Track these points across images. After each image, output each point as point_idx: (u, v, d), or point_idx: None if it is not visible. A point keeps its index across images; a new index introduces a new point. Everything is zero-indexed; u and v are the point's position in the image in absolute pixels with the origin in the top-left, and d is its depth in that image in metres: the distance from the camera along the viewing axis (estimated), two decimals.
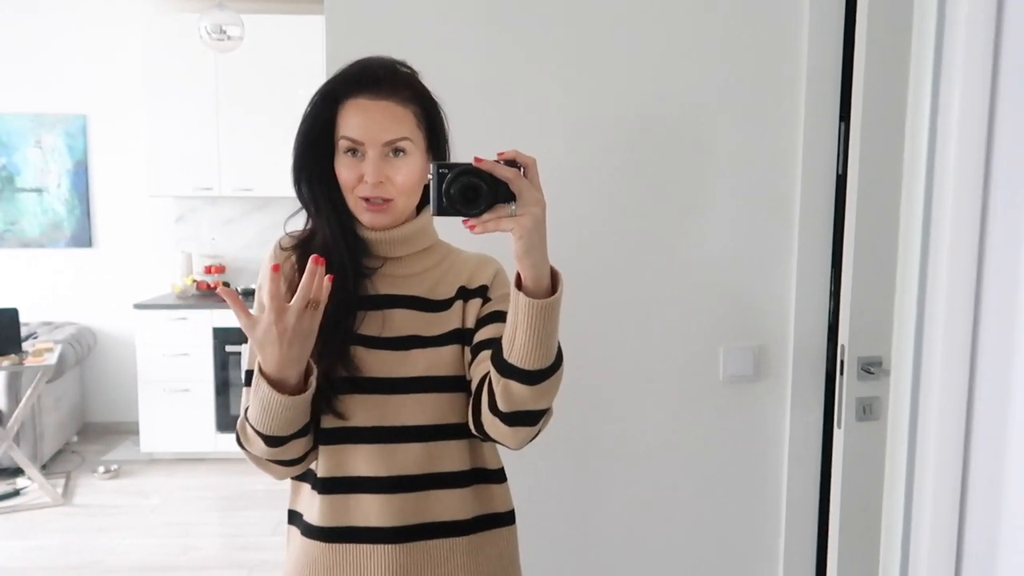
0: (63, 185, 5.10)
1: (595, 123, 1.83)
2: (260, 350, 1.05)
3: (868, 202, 1.68)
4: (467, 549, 1.20)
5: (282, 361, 1.04)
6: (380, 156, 1.15)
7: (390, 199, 1.17)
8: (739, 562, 1.96)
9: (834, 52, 1.82)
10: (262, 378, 1.06)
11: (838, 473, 1.75)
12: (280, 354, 1.03)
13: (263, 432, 1.10)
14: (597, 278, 1.85)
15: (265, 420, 1.08)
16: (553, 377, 1.07)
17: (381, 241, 1.21)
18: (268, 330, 1.02)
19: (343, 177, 1.17)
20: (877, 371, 1.70)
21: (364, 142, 1.15)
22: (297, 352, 1.04)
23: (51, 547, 3.57)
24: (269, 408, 1.07)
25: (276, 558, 3.37)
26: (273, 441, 1.11)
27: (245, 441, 1.16)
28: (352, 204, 1.19)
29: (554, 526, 1.92)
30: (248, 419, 1.12)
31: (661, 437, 1.91)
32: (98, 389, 5.21)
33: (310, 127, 1.18)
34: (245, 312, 1.04)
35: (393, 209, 1.18)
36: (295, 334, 1.02)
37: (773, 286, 1.88)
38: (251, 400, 1.10)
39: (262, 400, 1.07)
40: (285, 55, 4.52)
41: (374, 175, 1.15)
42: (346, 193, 1.19)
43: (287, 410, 1.07)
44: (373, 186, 1.15)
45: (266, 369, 1.06)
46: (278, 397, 1.05)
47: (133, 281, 5.07)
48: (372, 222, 1.20)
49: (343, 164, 1.17)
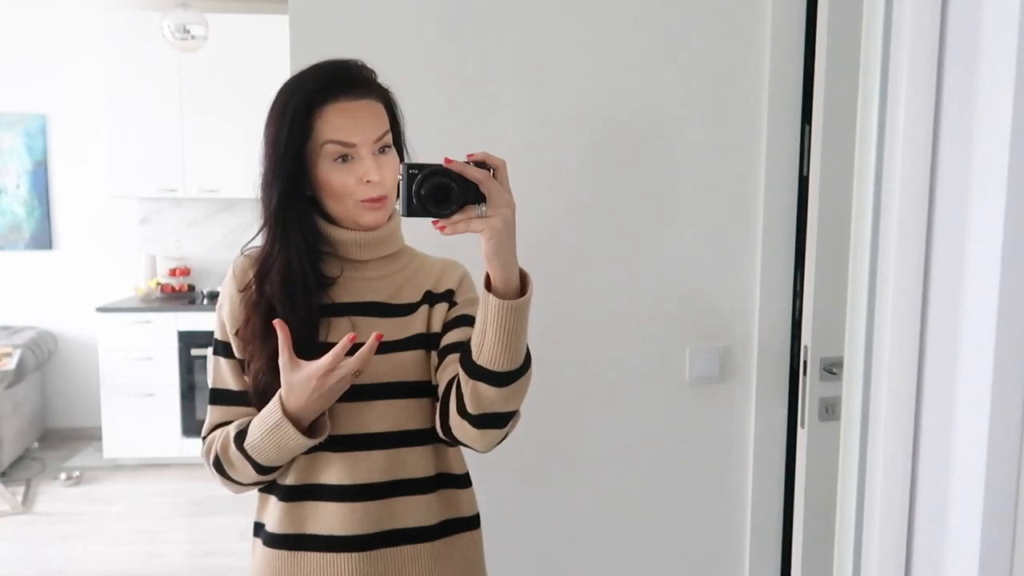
0: (22, 186, 5.00)
1: (560, 126, 1.83)
2: (288, 391, 1.09)
3: (830, 204, 1.70)
4: (432, 555, 1.20)
5: (307, 407, 1.09)
6: (372, 154, 1.15)
7: (386, 195, 1.17)
8: (705, 561, 1.97)
9: (796, 55, 1.84)
10: (287, 421, 1.09)
11: (802, 472, 1.77)
12: (307, 403, 1.08)
13: (262, 464, 1.13)
14: (563, 280, 1.86)
15: (272, 455, 1.12)
16: (522, 379, 1.08)
17: (353, 243, 1.19)
18: (307, 381, 1.07)
19: (339, 184, 1.14)
20: (839, 371, 1.72)
21: (357, 143, 1.13)
22: (323, 404, 1.10)
23: (11, 556, 3.49)
24: (283, 447, 1.11)
25: (243, 564, 3.32)
26: (267, 470, 1.15)
27: (228, 466, 1.16)
28: (349, 209, 1.17)
29: (520, 529, 1.92)
30: (245, 448, 1.13)
31: (628, 438, 1.92)
32: (59, 394, 5.12)
33: (289, 143, 1.13)
34: (290, 352, 1.09)
35: (388, 204, 1.19)
36: (330, 392, 1.08)
37: (738, 287, 1.90)
38: (263, 436, 1.11)
39: (280, 440, 1.10)
40: (250, 54, 4.46)
41: (377, 172, 1.14)
42: (341, 200, 1.16)
43: (301, 449, 1.12)
44: (375, 185, 1.14)
45: (288, 408, 1.09)
46: (300, 440, 1.10)
47: (95, 284, 4.98)
48: (376, 220, 1.19)
49: (334, 172, 1.14)
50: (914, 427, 0.88)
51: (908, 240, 0.86)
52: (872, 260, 1.02)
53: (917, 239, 0.86)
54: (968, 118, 0.83)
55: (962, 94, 0.84)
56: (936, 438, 0.88)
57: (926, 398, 0.89)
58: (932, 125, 0.86)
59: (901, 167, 0.87)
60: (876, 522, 0.92)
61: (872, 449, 0.94)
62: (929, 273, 0.88)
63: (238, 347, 1.18)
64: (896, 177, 0.88)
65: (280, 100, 1.15)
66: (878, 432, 0.91)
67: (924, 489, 0.90)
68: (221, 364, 1.21)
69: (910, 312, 0.87)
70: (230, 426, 1.17)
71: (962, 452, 0.83)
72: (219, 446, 1.17)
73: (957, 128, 0.85)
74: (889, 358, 0.89)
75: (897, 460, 0.89)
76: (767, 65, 1.83)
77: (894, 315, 0.88)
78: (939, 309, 0.87)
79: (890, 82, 0.92)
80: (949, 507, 0.85)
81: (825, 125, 1.68)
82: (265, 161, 1.16)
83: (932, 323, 0.88)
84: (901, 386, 0.88)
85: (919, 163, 0.87)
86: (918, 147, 0.87)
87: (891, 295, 0.89)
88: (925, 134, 0.86)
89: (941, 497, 0.87)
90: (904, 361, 0.88)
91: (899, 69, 0.89)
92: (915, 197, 0.86)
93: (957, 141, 0.85)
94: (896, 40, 0.90)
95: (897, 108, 0.89)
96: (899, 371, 0.88)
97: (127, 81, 4.61)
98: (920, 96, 0.86)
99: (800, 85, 1.84)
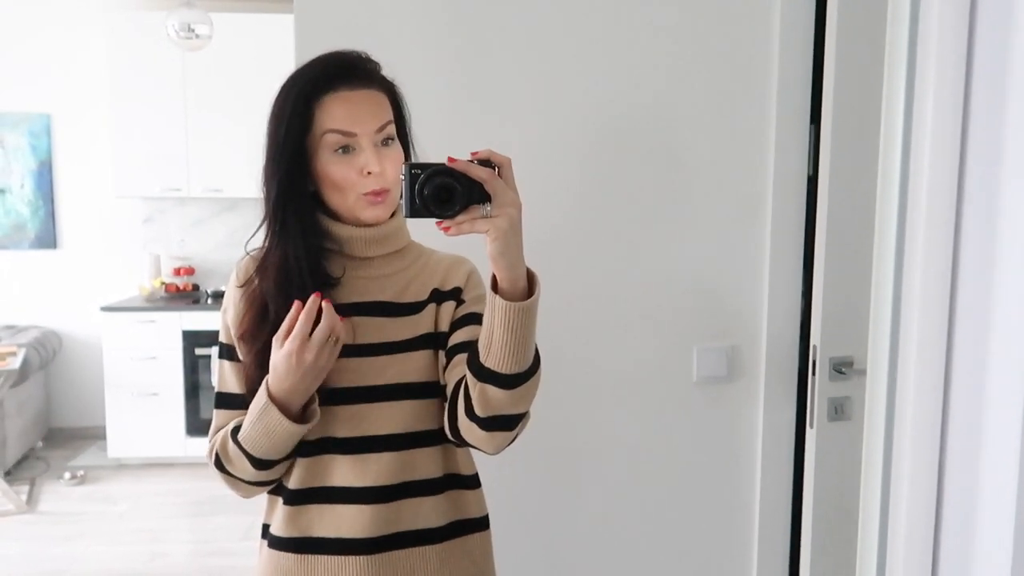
0: (27, 186, 5.00)
1: (567, 126, 1.82)
2: (273, 372, 1.07)
3: (839, 203, 1.69)
4: (441, 556, 1.19)
5: (292, 390, 1.07)
6: (374, 145, 1.12)
7: (388, 189, 1.14)
8: (713, 560, 1.96)
9: (805, 55, 1.83)
10: (272, 405, 1.07)
11: (810, 473, 1.76)
12: (292, 384, 1.06)
13: (256, 455, 1.11)
14: (570, 280, 1.85)
15: (264, 444, 1.10)
16: (531, 381, 1.06)
17: (358, 239, 1.18)
18: (287, 357, 1.05)
19: (339, 176, 1.12)
20: (848, 371, 1.71)
21: (357, 132, 1.11)
22: (308, 384, 1.07)
23: (14, 556, 3.49)
24: (272, 433, 1.08)
25: (247, 563, 3.32)
26: (263, 464, 1.13)
27: (226, 462, 1.15)
28: (351, 203, 1.14)
29: (529, 530, 1.91)
30: (239, 440, 1.12)
31: (635, 438, 1.91)
32: (64, 393, 5.11)
33: (288, 135, 1.11)
34: (280, 333, 1.07)
35: (390, 199, 1.16)
36: (315, 368, 1.06)
37: (746, 287, 1.89)
38: (252, 424, 1.10)
39: (267, 425, 1.08)
40: (254, 54, 4.45)
41: (378, 164, 1.11)
42: (342, 193, 1.13)
43: (291, 436, 1.09)
44: (376, 177, 1.12)
45: (275, 393, 1.07)
46: (287, 425, 1.07)
47: (100, 283, 4.98)
48: (377, 216, 1.16)
49: (334, 164, 1.12)
50: (941, 427, 0.87)
51: (936, 237, 0.85)
52: (897, 260, 1.00)
53: (945, 235, 0.84)
54: (999, 109, 0.81)
55: (992, 85, 0.82)
56: (964, 437, 0.86)
57: (954, 399, 0.87)
58: (961, 117, 0.84)
59: (929, 162, 0.85)
60: (902, 523, 0.90)
61: (898, 450, 0.92)
62: (957, 272, 0.86)
63: (242, 350, 1.17)
64: (924, 172, 0.86)
65: (282, 92, 1.14)
66: (904, 433, 0.90)
67: (951, 487, 0.88)
68: (225, 368, 1.20)
69: (938, 310, 0.85)
70: (230, 424, 1.17)
71: (992, 453, 0.81)
72: (219, 445, 1.16)
73: (986, 120, 0.83)
74: (916, 359, 0.87)
75: (923, 461, 0.87)
76: (775, 63, 1.82)
77: (922, 314, 0.86)
78: (968, 307, 0.85)
79: (917, 75, 0.90)
80: (977, 509, 0.84)
81: (834, 124, 1.67)
82: (266, 153, 1.14)
83: (960, 321, 0.87)
84: (928, 386, 0.87)
85: (947, 164, 0.85)
86: (946, 148, 0.85)
87: (918, 295, 0.87)
88: (953, 136, 0.84)
89: (969, 498, 0.85)
90: (931, 361, 0.86)
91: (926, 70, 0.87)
92: (943, 192, 0.84)
93: (987, 132, 0.83)
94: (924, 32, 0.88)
95: (925, 101, 0.87)
96: (926, 371, 0.87)
97: (131, 80, 4.61)
98: (949, 87, 0.84)
99: (809, 84, 1.83)
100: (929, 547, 0.89)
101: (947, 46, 0.84)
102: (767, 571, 1.95)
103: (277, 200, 1.14)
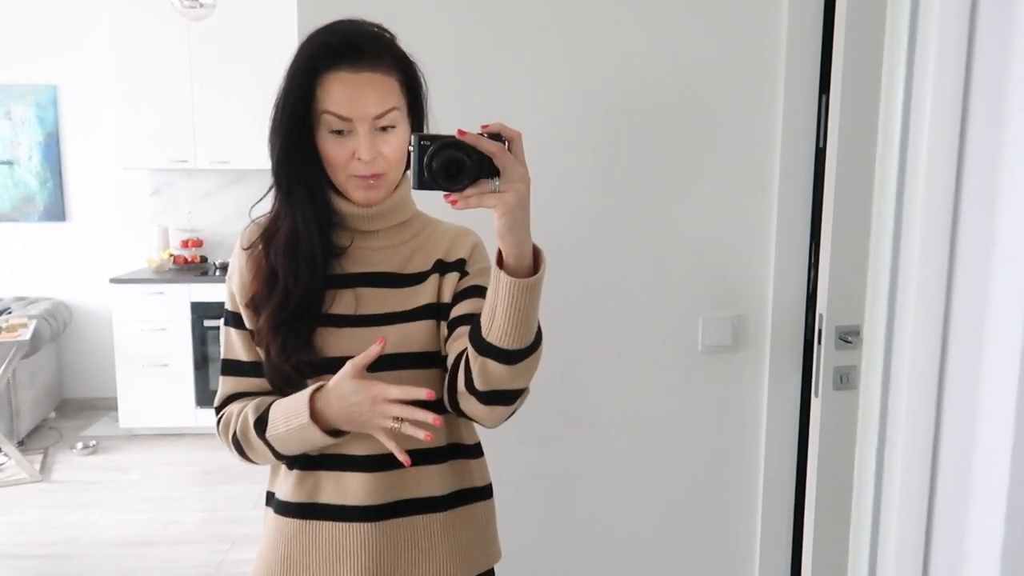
0: (34, 158, 5.00)
1: (575, 97, 1.81)
2: (338, 401, 1.08)
3: (847, 174, 1.68)
4: (444, 524, 1.20)
5: (344, 421, 1.09)
6: (370, 132, 1.10)
7: (382, 173, 1.14)
8: (717, 529, 1.98)
9: (814, 24, 1.80)
10: (314, 425, 1.09)
11: (815, 442, 1.77)
12: (347, 416, 1.08)
13: (283, 452, 1.15)
14: (576, 250, 1.85)
15: (295, 447, 1.13)
16: (532, 357, 1.06)
17: (360, 215, 1.18)
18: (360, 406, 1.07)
19: (331, 156, 1.12)
20: (855, 340, 1.71)
21: (352, 118, 1.09)
22: (352, 424, 1.10)
23: (28, 523, 3.55)
24: (306, 442, 1.12)
25: (256, 531, 3.36)
26: (287, 456, 1.17)
27: (247, 448, 1.17)
28: (342, 182, 1.14)
29: (533, 499, 1.93)
30: (267, 439, 1.13)
31: (640, 407, 1.92)
32: (75, 365, 5.16)
33: (287, 103, 1.11)
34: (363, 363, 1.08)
35: (385, 182, 1.15)
36: (368, 419, 1.07)
37: (752, 256, 1.88)
38: (289, 432, 1.11)
39: (304, 437, 1.11)
40: (259, 25, 4.43)
41: (368, 152, 1.10)
42: (334, 172, 1.13)
43: (324, 443, 1.12)
44: (367, 163, 1.11)
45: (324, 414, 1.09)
46: (323, 437, 1.10)
47: (108, 255, 5.00)
48: (367, 199, 1.16)
49: (330, 143, 1.11)
50: (937, 395, 0.87)
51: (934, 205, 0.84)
52: (895, 229, 0.99)
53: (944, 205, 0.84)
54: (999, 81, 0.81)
55: (993, 57, 0.82)
56: (959, 406, 0.87)
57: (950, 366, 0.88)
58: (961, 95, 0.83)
59: (928, 131, 0.85)
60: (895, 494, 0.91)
61: (892, 420, 0.93)
62: (955, 240, 0.86)
63: (248, 318, 1.18)
64: (923, 141, 0.85)
65: (295, 58, 1.13)
66: (899, 402, 0.90)
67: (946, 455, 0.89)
68: (231, 335, 1.20)
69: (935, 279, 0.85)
70: (247, 408, 1.16)
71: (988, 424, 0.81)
72: (239, 429, 1.16)
73: (986, 98, 0.82)
74: (912, 326, 0.87)
75: (919, 430, 0.87)
76: (784, 34, 1.80)
77: (919, 283, 0.86)
78: (966, 275, 0.85)
79: (918, 46, 0.90)
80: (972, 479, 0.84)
81: (844, 95, 1.66)
82: (271, 117, 1.14)
83: (958, 290, 0.86)
84: (924, 355, 0.86)
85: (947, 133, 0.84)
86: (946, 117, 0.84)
87: (916, 262, 0.86)
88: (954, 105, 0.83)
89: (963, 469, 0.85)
90: (928, 328, 0.86)
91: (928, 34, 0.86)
92: (942, 163, 0.84)
93: (987, 111, 0.82)
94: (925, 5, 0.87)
95: (925, 73, 0.87)
96: (922, 339, 0.87)
97: (137, 52, 4.59)
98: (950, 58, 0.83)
99: (818, 54, 1.81)
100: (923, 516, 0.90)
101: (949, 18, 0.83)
102: (771, 540, 1.96)
103: (279, 166, 1.14)
